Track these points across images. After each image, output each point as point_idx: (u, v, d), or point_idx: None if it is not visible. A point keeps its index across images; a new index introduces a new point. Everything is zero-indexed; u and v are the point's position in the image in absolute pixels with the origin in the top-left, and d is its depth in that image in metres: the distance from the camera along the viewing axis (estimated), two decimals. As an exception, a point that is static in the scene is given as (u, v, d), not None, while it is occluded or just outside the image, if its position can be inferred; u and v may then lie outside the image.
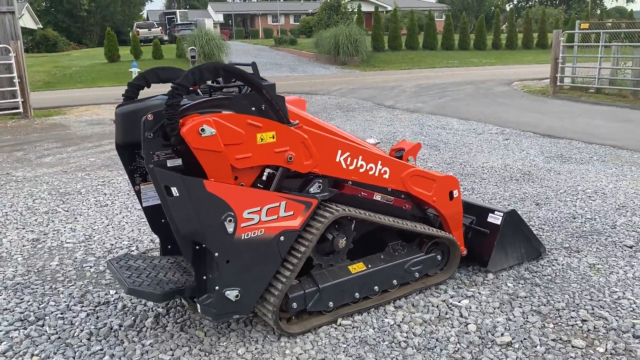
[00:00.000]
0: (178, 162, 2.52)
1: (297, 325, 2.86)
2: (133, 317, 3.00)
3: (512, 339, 2.74)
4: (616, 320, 2.92)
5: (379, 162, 3.02)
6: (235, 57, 27.50)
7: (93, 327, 2.90)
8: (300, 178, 2.82)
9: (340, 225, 2.97)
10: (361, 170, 2.97)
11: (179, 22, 46.04)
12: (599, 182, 5.80)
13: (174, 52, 27.12)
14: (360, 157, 2.95)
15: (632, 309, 3.05)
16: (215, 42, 25.06)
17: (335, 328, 2.89)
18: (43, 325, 2.93)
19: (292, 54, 32.40)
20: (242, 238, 2.55)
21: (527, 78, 18.02)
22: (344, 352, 2.67)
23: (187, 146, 2.40)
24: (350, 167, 2.92)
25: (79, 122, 10.73)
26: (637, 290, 3.27)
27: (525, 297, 3.19)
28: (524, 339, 2.75)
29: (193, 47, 21.46)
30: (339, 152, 2.87)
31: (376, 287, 3.11)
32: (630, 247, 3.96)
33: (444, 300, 3.17)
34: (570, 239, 4.13)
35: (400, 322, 2.94)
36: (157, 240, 4.11)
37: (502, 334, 2.79)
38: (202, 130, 2.36)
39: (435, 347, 2.70)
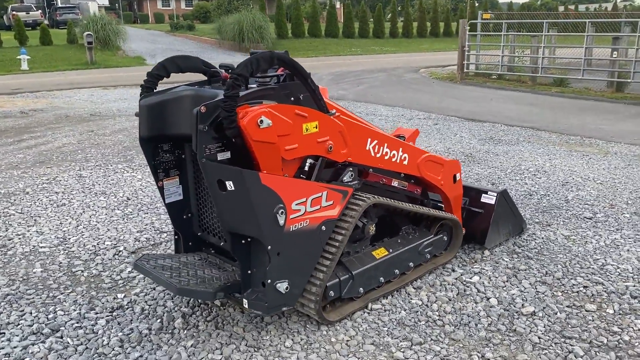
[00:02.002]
0: (227, 155, 2.43)
1: (333, 313, 2.89)
2: (158, 320, 2.85)
3: (535, 308, 2.97)
4: (610, 284, 3.26)
5: (400, 148, 3.11)
6: (131, 43, 26.13)
7: (120, 333, 2.72)
8: (332, 167, 2.83)
9: (366, 213, 3.02)
10: (386, 158, 3.03)
11: (60, 5, 42.74)
12: (536, 162, 6.32)
13: (60, 37, 25.13)
14: (386, 145, 3.01)
15: (618, 273, 3.41)
16: (112, 27, 23.63)
17: (369, 313, 2.95)
18: (62, 336, 2.69)
19: (191, 40, 31.38)
20: (291, 230, 2.52)
21: (431, 65, 18.95)
22: (388, 334, 2.75)
23: (243, 138, 2.32)
24: (377, 155, 2.98)
25: (-17, 115, 9.69)
26: (614, 256, 3.65)
27: (526, 270, 3.45)
28: (544, 307, 2.99)
29: (90, 33, 20.07)
30: (369, 140, 2.91)
31: (396, 271, 3.20)
32: (590, 219, 4.40)
33: (457, 278, 3.34)
34: (537, 214, 4.50)
35: (427, 301, 3.07)
36: (143, 238, 3.92)
37: (522, 305, 3.01)
38: (261, 121, 2.30)
39: (470, 322, 2.86)
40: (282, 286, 2.55)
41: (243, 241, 2.54)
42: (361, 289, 2.99)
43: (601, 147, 7.19)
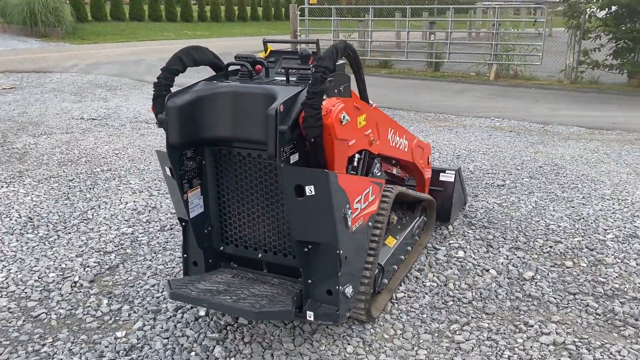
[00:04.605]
0: (296, 157, 2.19)
1: (372, 309, 2.81)
2: (192, 352, 2.47)
3: (532, 273, 3.26)
4: (566, 241, 3.72)
5: (404, 135, 3.12)
6: None
7: (162, 378, 2.30)
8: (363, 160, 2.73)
9: (384, 203, 2.98)
10: (397, 146, 3.02)
11: None
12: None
13: None
14: (397, 133, 3.00)
15: (563, 230, 3.91)
16: None
17: (397, 303, 2.95)
18: (91, 397, 2.18)
19: (-39, 24, 26.57)
20: (353, 230, 2.40)
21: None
22: (432, 320, 2.78)
23: (322, 137, 2.12)
24: (393, 144, 2.96)
25: None
26: (548, 216, 4.17)
27: (493, 239, 3.76)
28: (537, 270, 3.30)
29: None
30: (389, 129, 2.87)
31: (402, 256, 3.24)
32: (503, 186, 4.93)
33: (446, 256, 3.50)
34: (460, 187, 4.89)
35: (439, 282, 3.17)
36: (91, 263, 3.36)
37: (519, 272, 3.29)
38: (343, 117, 2.12)
39: (490, 295, 3.03)
40: (349, 291, 2.41)
41: (305, 249, 2.33)
42: (385, 280, 2.96)
43: (457, 121, 8.02)
